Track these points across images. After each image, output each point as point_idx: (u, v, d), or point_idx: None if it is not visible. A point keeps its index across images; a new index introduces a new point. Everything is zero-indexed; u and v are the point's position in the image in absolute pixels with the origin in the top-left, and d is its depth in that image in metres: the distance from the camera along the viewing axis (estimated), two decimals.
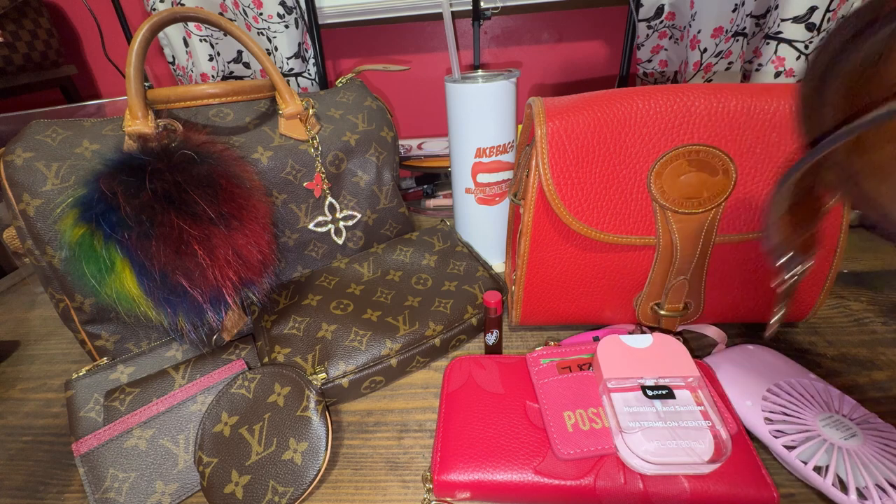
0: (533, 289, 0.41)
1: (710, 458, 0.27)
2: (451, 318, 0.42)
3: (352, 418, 0.38)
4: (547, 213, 0.37)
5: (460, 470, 0.30)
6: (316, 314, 0.42)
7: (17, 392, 0.44)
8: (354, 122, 0.50)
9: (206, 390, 0.36)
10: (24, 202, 0.36)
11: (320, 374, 0.36)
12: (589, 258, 0.38)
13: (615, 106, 0.34)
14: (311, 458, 0.32)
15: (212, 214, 0.33)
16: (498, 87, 0.46)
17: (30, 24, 0.81)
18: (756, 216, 0.35)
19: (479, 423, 0.32)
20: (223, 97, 0.43)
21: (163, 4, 0.75)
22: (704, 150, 0.34)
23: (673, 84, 0.53)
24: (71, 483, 0.34)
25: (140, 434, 0.33)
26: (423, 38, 0.88)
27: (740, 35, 0.69)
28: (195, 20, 0.39)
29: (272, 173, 0.44)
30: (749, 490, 0.27)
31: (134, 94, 0.36)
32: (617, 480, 0.28)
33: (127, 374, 0.38)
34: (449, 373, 0.37)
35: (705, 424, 0.29)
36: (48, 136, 0.37)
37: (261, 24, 0.75)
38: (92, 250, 0.31)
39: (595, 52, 0.86)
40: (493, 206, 0.53)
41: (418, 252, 0.50)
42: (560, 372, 0.34)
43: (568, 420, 0.31)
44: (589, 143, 0.34)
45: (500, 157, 0.50)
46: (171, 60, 0.81)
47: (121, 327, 0.41)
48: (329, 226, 0.50)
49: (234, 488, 0.31)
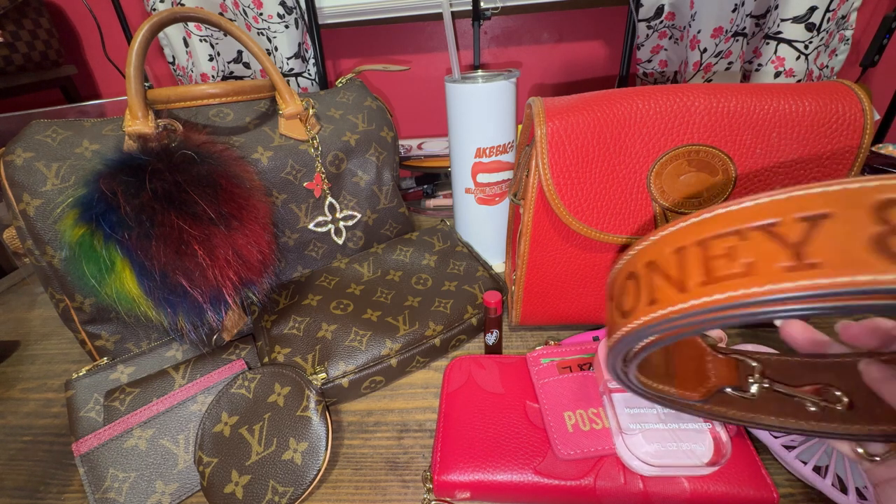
0: (533, 289, 0.41)
1: (710, 460, 0.27)
2: (451, 317, 0.42)
3: (352, 418, 0.38)
4: (547, 213, 0.37)
5: (460, 470, 0.30)
6: (316, 314, 0.42)
7: (18, 392, 0.44)
8: (354, 122, 0.50)
9: (206, 390, 0.36)
10: (24, 202, 0.36)
11: (320, 374, 0.36)
12: (589, 258, 0.38)
13: (615, 106, 0.34)
14: (311, 458, 0.32)
15: (212, 214, 0.33)
16: (498, 88, 0.46)
17: (30, 24, 0.81)
18: None
19: (479, 423, 0.32)
20: (223, 97, 0.43)
21: (163, 4, 0.75)
22: (704, 150, 0.34)
23: (673, 84, 0.53)
24: (71, 483, 0.34)
25: (140, 434, 0.33)
26: (423, 38, 0.88)
27: (740, 35, 0.69)
28: (195, 20, 0.39)
29: (272, 173, 0.44)
30: (749, 490, 0.27)
31: (134, 94, 0.36)
32: (617, 480, 0.28)
33: (127, 374, 0.38)
34: (449, 373, 0.37)
35: (705, 426, 0.29)
36: (48, 136, 0.37)
37: (261, 24, 0.75)
38: (92, 250, 0.31)
39: (595, 52, 0.86)
40: (492, 206, 0.53)
41: (418, 252, 0.50)
42: (560, 372, 0.34)
43: (568, 420, 0.31)
44: (589, 143, 0.34)
45: (499, 157, 0.50)
46: (171, 60, 0.81)
47: (121, 327, 0.41)
48: (329, 226, 0.50)
49: (234, 488, 0.31)
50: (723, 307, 0.15)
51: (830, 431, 0.22)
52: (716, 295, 0.16)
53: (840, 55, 0.69)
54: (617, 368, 0.22)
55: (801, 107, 0.32)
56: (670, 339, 0.18)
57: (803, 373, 0.24)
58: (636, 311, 0.18)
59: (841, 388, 0.22)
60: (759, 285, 0.15)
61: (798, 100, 0.32)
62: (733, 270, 0.15)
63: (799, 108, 0.32)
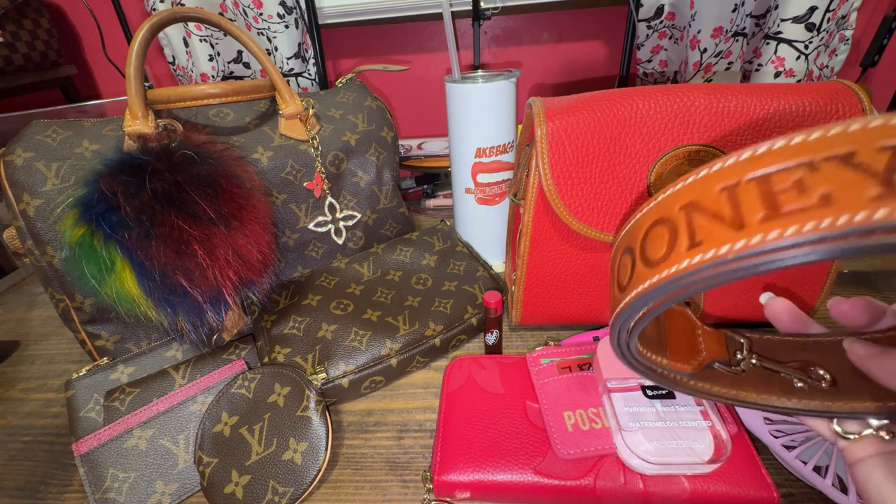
0: (533, 289, 0.41)
1: (710, 458, 0.27)
2: (451, 318, 0.42)
3: (352, 418, 0.38)
4: (547, 213, 0.37)
5: (460, 470, 0.30)
6: (316, 314, 0.42)
7: (18, 392, 0.44)
8: (354, 122, 0.50)
9: (206, 390, 0.36)
10: (24, 202, 0.35)
11: (320, 374, 0.36)
12: (589, 258, 0.38)
13: (615, 106, 0.34)
14: (311, 458, 0.32)
15: (212, 214, 0.33)
16: (498, 87, 0.46)
17: (30, 24, 0.81)
18: None
19: (479, 423, 0.32)
20: (223, 97, 0.43)
21: (163, 4, 0.75)
22: (704, 151, 0.34)
23: (673, 84, 0.53)
24: (71, 483, 0.34)
25: (140, 434, 0.33)
26: (423, 38, 0.88)
27: (740, 35, 0.69)
28: (195, 20, 0.39)
29: (272, 173, 0.44)
30: (749, 490, 0.27)
31: (134, 94, 0.36)
32: (617, 480, 0.28)
33: (127, 374, 0.38)
34: (449, 373, 0.37)
35: (705, 424, 0.29)
36: (48, 136, 0.37)
37: (261, 24, 0.75)
38: (92, 250, 0.31)
39: (595, 52, 0.86)
40: (493, 206, 0.53)
41: (418, 252, 0.50)
42: (560, 372, 0.34)
43: (568, 420, 0.31)
44: (589, 143, 0.34)
45: (500, 157, 0.50)
46: (171, 60, 0.81)
47: (121, 327, 0.41)
48: (329, 226, 0.50)
49: (234, 488, 0.31)
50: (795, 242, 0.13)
51: (812, 409, 0.22)
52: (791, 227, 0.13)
53: (840, 55, 0.69)
54: (621, 335, 0.20)
55: (801, 107, 0.32)
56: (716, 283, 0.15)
57: (786, 351, 0.24)
58: (670, 258, 0.16)
59: (823, 367, 0.22)
60: (836, 216, 0.13)
61: (798, 100, 0.32)
62: (807, 203, 0.14)
63: (799, 109, 0.32)
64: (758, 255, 0.14)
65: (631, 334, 0.20)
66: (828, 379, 0.22)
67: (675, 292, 0.16)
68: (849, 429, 0.22)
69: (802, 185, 0.14)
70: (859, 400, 0.21)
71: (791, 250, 0.14)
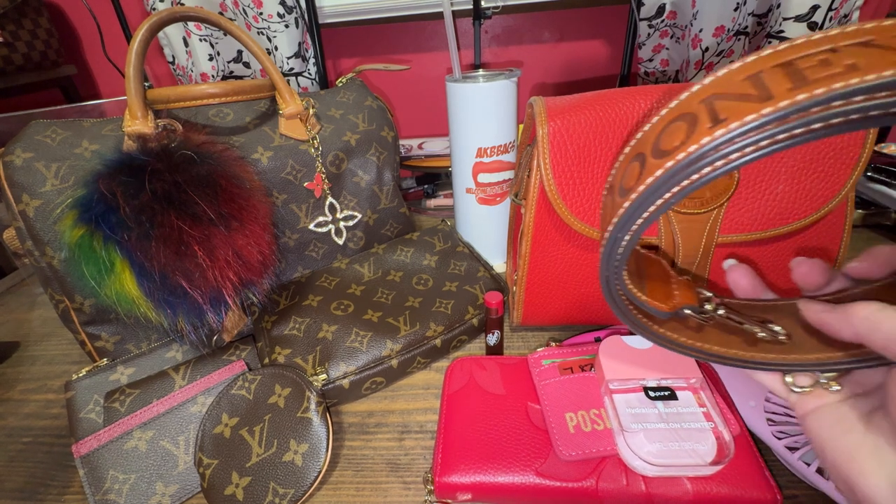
0: (534, 289, 0.40)
1: (713, 459, 0.27)
2: (452, 318, 0.42)
3: (353, 419, 0.37)
4: (548, 212, 0.37)
5: (461, 472, 0.29)
6: (316, 315, 0.41)
7: (18, 393, 0.44)
8: (355, 122, 0.50)
9: (206, 391, 0.36)
10: (23, 203, 0.35)
11: (321, 375, 0.36)
12: (590, 258, 0.38)
13: (617, 105, 0.34)
14: (311, 460, 0.32)
15: (212, 215, 0.33)
16: (499, 87, 0.46)
17: (30, 24, 0.81)
18: (758, 217, 0.35)
19: (480, 425, 0.32)
20: (223, 97, 0.43)
21: (163, 4, 0.75)
22: None
23: (675, 83, 0.53)
24: (71, 484, 0.34)
25: (140, 435, 0.33)
26: (424, 37, 0.88)
27: (742, 34, 0.69)
28: (195, 20, 0.39)
29: (272, 173, 0.44)
30: (752, 492, 0.27)
31: (134, 94, 0.36)
32: (619, 482, 0.28)
33: (127, 375, 0.38)
34: (450, 374, 0.37)
35: (708, 426, 0.29)
36: (48, 136, 0.37)
37: (261, 23, 0.75)
38: (91, 251, 0.31)
39: (596, 52, 0.86)
40: (494, 206, 0.53)
41: (419, 252, 0.50)
42: (562, 373, 0.34)
43: (570, 421, 0.31)
44: (590, 142, 0.34)
45: (501, 156, 0.50)
46: (170, 60, 0.81)
47: (121, 328, 0.41)
48: (329, 226, 0.50)
49: (235, 490, 0.30)
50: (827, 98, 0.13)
51: (770, 361, 0.24)
52: (820, 88, 0.13)
53: None
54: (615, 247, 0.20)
55: None
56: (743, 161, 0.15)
57: (746, 311, 0.26)
58: (689, 140, 0.16)
59: (779, 326, 0.24)
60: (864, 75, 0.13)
61: None
62: (832, 71, 0.14)
63: None
64: (786, 118, 0.14)
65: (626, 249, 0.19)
66: (785, 333, 0.23)
67: (693, 177, 0.15)
68: (800, 383, 0.23)
69: (827, 62, 0.14)
70: (813, 352, 0.22)
71: (821, 110, 0.13)
